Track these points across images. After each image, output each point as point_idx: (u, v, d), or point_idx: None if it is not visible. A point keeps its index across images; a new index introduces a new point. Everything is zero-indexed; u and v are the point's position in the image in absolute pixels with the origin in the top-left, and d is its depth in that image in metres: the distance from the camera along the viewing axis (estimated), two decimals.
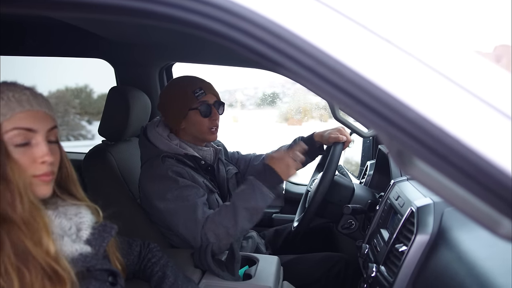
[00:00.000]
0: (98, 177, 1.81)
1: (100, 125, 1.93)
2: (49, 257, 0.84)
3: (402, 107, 0.49)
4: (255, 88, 12.46)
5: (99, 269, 1.00)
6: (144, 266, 1.31)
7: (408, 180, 1.50)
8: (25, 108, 0.89)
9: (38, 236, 0.84)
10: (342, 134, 1.80)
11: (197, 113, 1.69)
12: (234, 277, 1.42)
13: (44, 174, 0.90)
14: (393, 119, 0.51)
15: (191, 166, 1.68)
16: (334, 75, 0.51)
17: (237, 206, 1.50)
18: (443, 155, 0.50)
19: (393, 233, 1.28)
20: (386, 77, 0.50)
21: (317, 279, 1.77)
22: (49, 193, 0.93)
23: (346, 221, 1.76)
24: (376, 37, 0.51)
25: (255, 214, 1.52)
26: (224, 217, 1.51)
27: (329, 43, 0.52)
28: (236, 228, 1.50)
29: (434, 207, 1.15)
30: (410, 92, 0.50)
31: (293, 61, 0.54)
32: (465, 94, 0.50)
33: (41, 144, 0.90)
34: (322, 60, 0.51)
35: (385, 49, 0.51)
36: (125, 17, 0.62)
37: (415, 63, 0.51)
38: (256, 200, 1.51)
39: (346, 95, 0.52)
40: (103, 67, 2.44)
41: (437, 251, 1.06)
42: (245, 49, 0.58)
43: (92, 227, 1.03)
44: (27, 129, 0.89)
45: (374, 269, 1.29)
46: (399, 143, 0.54)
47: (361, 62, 0.51)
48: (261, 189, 1.52)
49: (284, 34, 0.53)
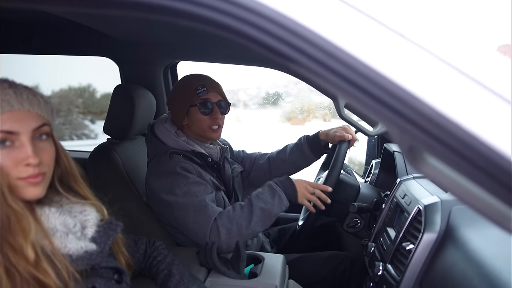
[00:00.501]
0: (103, 175, 1.81)
1: (105, 124, 1.93)
2: (29, 264, 0.81)
3: (415, 101, 0.49)
4: (257, 88, 12.46)
5: (104, 267, 1.00)
6: (150, 264, 1.31)
7: (414, 178, 1.49)
8: (4, 109, 0.85)
9: (17, 242, 0.82)
10: (347, 132, 1.80)
11: (197, 110, 1.70)
12: (239, 276, 1.41)
13: (30, 176, 0.87)
14: (406, 113, 0.50)
15: (198, 163, 1.69)
16: (346, 69, 0.51)
17: (255, 206, 1.53)
18: (457, 149, 0.50)
19: (399, 232, 1.28)
20: (399, 71, 0.49)
21: (323, 277, 1.77)
22: (40, 194, 0.90)
23: (351, 219, 1.76)
24: (389, 30, 0.51)
25: (268, 218, 1.55)
26: (239, 215, 1.53)
27: (341, 37, 0.51)
28: (248, 227, 1.52)
29: (442, 205, 1.14)
30: (423, 86, 0.49)
31: (304, 55, 0.53)
32: (479, 88, 0.49)
33: (25, 146, 0.86)
34: (333, 53, 0.51)
35: (398, 43, 0.51)
36: (127, 11, 0.61)
37: (428, 57, 0.51)
38: (273, 204, 1.54)
39: (358, 89, 0.51)
40: (106, 66, 2.44)
41: (445, 249, 1.06)
42: (255, 43, 0.57)
43: (97, 225, 1.01)
44: (7, 132, 0.85)
45: (380, 267, 1.28)
46: (411, 138, 0.54)
47: (374, 55, 0.50)
48: (281, 196, 1.56)
49: (294, 27, 0.52)
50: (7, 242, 0.82)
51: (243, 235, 1.52)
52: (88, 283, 0.93)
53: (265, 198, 1.55)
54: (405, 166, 1.67)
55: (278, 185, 1.59)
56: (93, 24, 1.86)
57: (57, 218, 0.94)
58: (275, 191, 1.57)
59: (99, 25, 1.88)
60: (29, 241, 0.83)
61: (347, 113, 2.02)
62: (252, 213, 1.52)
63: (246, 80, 10.27)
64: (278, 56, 0.57)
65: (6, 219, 0.83)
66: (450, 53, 0.51)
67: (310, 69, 0.55)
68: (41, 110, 0.91)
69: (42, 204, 0.94)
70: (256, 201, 1.55)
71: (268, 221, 1.56)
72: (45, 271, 0.83)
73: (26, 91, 0.90)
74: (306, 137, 1.97)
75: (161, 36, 2.10)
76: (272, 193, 1.57)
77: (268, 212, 1.54)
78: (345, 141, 1.77)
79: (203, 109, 1.69)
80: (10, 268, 0.80)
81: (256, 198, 1.56)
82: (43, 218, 0.92)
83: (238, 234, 1.51)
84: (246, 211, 1.53)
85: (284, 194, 1.58)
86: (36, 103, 0.91)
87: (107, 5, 0.60)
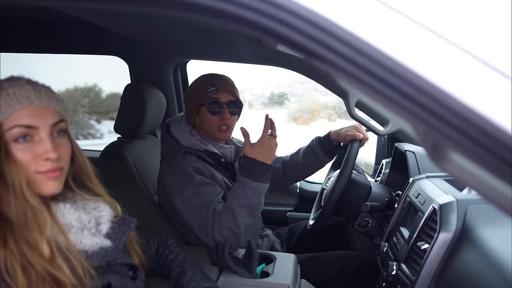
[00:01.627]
0: (114, 174, 1.81)
1: (115, 122, 1.93)
2: (44, 260, 0.82)
3: (445, 96, 0.48)
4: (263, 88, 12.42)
5: (119, 263, 1.00)
6: (162, 262, 1.31)
7: (427, 178, 1.48)
8: (24, 104, 0.87)
9: (32, 238, 0.82)
10: (359, 131, 1.79)
11: (206, 110, 1.69)
12: (251, 275, 1.41)
13: (49, 171, 0.88)
14: (435, 109, 0.49)
15: (210, 163, 1.68)
16: (374, 65, 0.50)
17: (234, 207, 1.50)
18: (486, 145, 0.49)
19: (413, 231, 1.26)
20: (429, 67, 0.49)
21: (334, 277, 1.76)
22: (58, 189, 0.91)
23: (362, 219, 1.74)
24: (418, 26, 0.50)
25: (254, 209, 1.52)
26: (225, 219, 1.51)
27: (368, 32, 0.51)
28: (239, 227, 1.49)
29: (457, 205, 1.12)
30: (453, 81, 0.49)
31: (330, 50, 0.52)
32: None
33: (44, 141, 0.88)
34: (361, 49, 0.50)
35: (427, 38, 0.50)
36: (129, 6, 0.60)
37: (458, 52, 0.50)
38: (248, 197, 1.50)
39: (386, 86, 0.51)
40: (112, 66, 2.44)
41: (461, 249, 1.04)
42: (278, 38, 0.56)
43: (111, 221, 1.02)
44: (28, 126, 0.87)
45: (394, 267, 1.27)
46: (437, 135, 0.53)
47: (403, 51, 0.49)
48: (250, 185, 1.50)
49: (321, 22, 0.52)
50: (23, 238, 0.82)
51: (239, 234, 1.51)
52: (103, 280, 0.93)
53: (238, 195, 1.51)
54: (417, 165, 1.66)
55: (243, 175, 1.52)
56: (102, 22, 1.86)
57: (72, 214, 0.94)
58: (243, 183, 1.50)
59: (109, 23, 1.88)
60: (45, 237, 0.84)
61: (358, 112, 2.02)
62: (235, 213, 1.49)
63: (251, 80, 10.24)
64: (301, 51, 0.56)
65: (23, 214, 0.83)
66: (481, 48, 0.50)
67: (335, 65, 0.54)
68: (58, 106, 0.93)
69: (57, 200, 0.94)
70: (232, 201, 1.51)
71: (256, 211, 1.53)
72: (60, 267, 0.84)
73: (43, 88, 0.92)
74: (317, 138, 1.96)
75: (172, 35, 2.10)
76: (241, 187, 1.51)
77: (249, 205, 1.50)
78: (357, 140, 1.76)
79: (211, 108, 1.68)
80: (26, 265, 0.81)
81: (231, 199, 1.52)
82: (58, 214, 0.92)
83: (234, 235, 1.50)
84: (229, 214, 1.50)
85: (255, 176, 1.50)
86: (54, 100, 0.92)
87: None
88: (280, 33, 0.55)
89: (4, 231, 0.82)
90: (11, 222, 0.83)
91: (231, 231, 1.50)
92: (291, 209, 2.53)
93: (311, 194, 2.47)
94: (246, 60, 2.25)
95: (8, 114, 0.86)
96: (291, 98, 10.08)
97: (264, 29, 0.57)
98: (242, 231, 1.50)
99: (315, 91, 7.24)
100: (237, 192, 1.51)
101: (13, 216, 0.83)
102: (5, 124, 0.85)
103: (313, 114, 8.15)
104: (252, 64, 2.28)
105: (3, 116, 0.85)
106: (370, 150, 2.45)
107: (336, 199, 1.64)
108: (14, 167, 0.84)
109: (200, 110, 1.71)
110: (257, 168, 1.51)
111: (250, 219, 1.52)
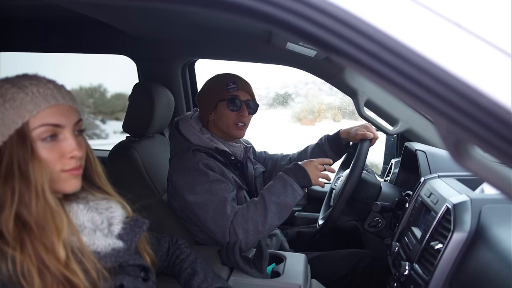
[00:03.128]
0: (123, 173, 1.81)
1: (124, 121, 1.93)
2: (59, 263, 0.82)
3: (473, 92, 0.47)
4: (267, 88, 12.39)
5: (131, 264, 1.00)
6: (173, 262, 1.30)
7: (439, 177, 1.47)
8: (51, 103, 0.87)
9: (49, 240, 0.82)
10: (369, 130, 1.78)
11: (225, 105, 1.69)
12: (262, 275, 1.40)
13: (74, 169, 0.89)
14: (461, 105, 0.48)
15: (221, 161, 1.68)
16: (399, 60, 0.49)
17: (268, 201, 1.51)
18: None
19: (426, 231, 1.25)
20: (456, 62, 0.48)
21: (343, 276, 1.75)
22: (78, 186, 0.92)
23: (372, 219, 1.73)
24: (444, 20, 0.49)
25: (284, 210, 1.53)
26: (254, 212, 1.51)
27: (393, 26, 0.50)
28: (265, 223, 1.50)
29: (472, 204, 1.11)
30: (481, 77, 0.48)
31: (353, 45, 0.52)
32: None
33: (70, 139, 0.89)
34: (386, 44, 0.49)
35: (454, 33, 0.49)
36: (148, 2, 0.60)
37: (485, 47, 0.49)
38: (286, 196, 1.52)
39: (411, 81, 0.50)
40: (117, 66, 2.44)
41: (476, 249, 1.03)
42: (297, 33, 0.56)
43: (123, 222, 1.01)
44: (55, 125, 0.87)
45: (407, 267, 1.26)
46: (463, 132, 0.52)
47: (429, 46, 0.48)
48: (293, 185, 1.54)
49: (343, 16, 0.51)
50: (40, 241, 0.82)
51: (261, 232, 1.51)
52: (116, 281, 0.93)
53: (277, 190, 1.54)
54: (428, 165, 1.65)
55: (288, 175, 1.57)
56: (111, 21, 1.85)
57: (85, 215, 0.94)
58: (286, 181, 1.55)
59: (117, 21, 1.88)
60: (61, 240, 0.84)
61: (367, 111, 2.01)
62: (266, 208, 1.51)
63: (256, 81, 10.23)
64: (321, 46, 0.56)
65: (43, 216, 0.83)
66: (509, 42, 0.49)
67: (357, 61, 0.53)
68: (77, 105, 0.94)
69: (69, 201, 0.94)
70: (268, 195, 1.53)
71: (284, 214, 1.54)
72: (74, 271, 0.84)
73: (62, 87, 0.93)
74: (326, 136, 1.96)
75: (180, 34, 2.10)
76: (283, 184, 1.55)
77: (283, 204, 1.52)
78: (367, 140, 1.74)
79: (231, 105, 1.69)
80: (42, 268, 0.81)
81: (268, 193, 1.54)
82: (71, 214, 0.92)
83: (255, 231, 1.50)
84: (260, 208, 1.52)
85: (297, 183, 1.56)
86: (73, 99, 0.93)
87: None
88: (299, 26, 0.55)
89: (22, 235, 0.82)
90: (29, 225, 0.83)
91: (256, 226, 1.50)
92: (300, 209, 2.53)
93: (319, 194, 2.46)
94: (255, 59, 2.24)
95: (35, 112, 0.85)
96: (295, 98, 10.03)
97: (282, 24, 0.56)
98: (266, 229, 1.51)
99: (320, 91, 7.21)
100: (277, 187, 1.54)
101: (32, 218, 0.83)
102: (32, 122, 0.85)
103: (318, 115, 8.14)
104: (261, 63, 2.27)
105: (29, 115, 0.85)
106: (376, 150, 2.44)
107: (347, 198, 1.63)
108: (38, 167, 0.84)
109: (217, 106, 1.71)
110: (302, 176, 1.57)
111: (277, 220, 1.53)
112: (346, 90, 2.06)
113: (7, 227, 0.81)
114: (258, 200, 1.54)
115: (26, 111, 0.85)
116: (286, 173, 1.58)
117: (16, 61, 2.65)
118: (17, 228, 0.81)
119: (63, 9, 1.64)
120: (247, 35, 2.01)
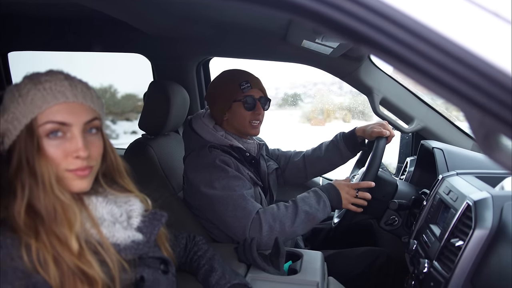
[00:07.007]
0: (140, 170, 1.80)
1: (140, 119, 1.93)
2: (73, 255, 0.82)
3: None
4: (276, 88, 12.37)
5: (151, 256, 1.00)
6: (191, 259, 1.30)
7: (458, 175, 1.46)
8: (59, 100, 0.86)
9: (62, 232, 0.83)
10: (385, 128, 1.76)
11: (241, 106, 1.70)
12: (279, 272, 1.40)
13: (78, 169, 0.87)
14: (497, 95, 0.48)
15: (236, 157, 1.69)
16: (436, 51, 0.48)
17: (300, 208, 1.56)
18: None
19: (446, 229, 1.24)
20: (493, 52, 0.47)
21: (359, 273, 1.74)
22: (86, 188, 0.90)
23: (389, 217, 1.73)
24: (482, 10, 0.49)
25: (310, 222, 1.57)
26: (284, 214, 1.54)
27: (429, 16, 0.49)
28: (291, 227, 1.53)
29: (493, 201, 1.10)
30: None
31: (388, 36, 0.51)
32: None
33: (76, 138, 0.87)
34: (423, 35, 0.49)
35: (492, 22, 0.48)
36: None
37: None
38: (317, 209, 1.57)
39: (447, 72, 0.49)
40: (127, 66, 2.45)
41: (498, 247, 1.02)
42: (331, 25, 0.55)
43: (142, 215, 1.02)
44: (61, 122, 0.86)
45: (426, 264, 1.25)
46: (497, 123, 0.52)
47: (467, 36, 0.48)
48: (325, 202, 1.59)
49: (379, 7, 0.51)
50: (53, 233, 0.83)
51: (284, 234, 1.53)
52: (136, 273, 0.94)
53: (311, 202, 1.58)
54: (446, 162, 1.64)
55: (323, 191, 1.62)
56: (127, 19, 1.85)
57: (104, 207, 0.94)
58: (321, 196, 1.60)
59: (133, 20, 1.88)
60: (74, 233, 0.84)
61: (382, 109, 2.01)
62: (297, 214, 1.55)
63: (265, 81, 10.22)
64: (352, 38, 0.55)
65: (53, 209, 0.84)
66: None
67: (391, 53, 0.53)
68: (93, 103, 0.92)
69: (89, 194, 0.94)
70: (302, 203, 1.57)
71: (309, 225, 1.59)
72: (89, 262, 0.84)
73: (80, 84, 0.91)
74: (342, 133, 1.94)
75: (195, 32, 2.10)
76: (317, 198, 1.60)
77: (312, 216, 1.56)
78: (383, 137, 1.73)
79: (247, 105, 1.70)
80: (58, 257, 0.81)
81: (301, 201, 1.58)
82: (91, 207, 0.93)
83: (279, 232, 1.52)
84: (290, 211, 1.55)
85: (329, 201, 1.60)
86: (89, 97, 0.91)
87: None
88: (329, 16, 0.54)
89: (35, 224, 0.82)
90: (41, 216, 0.84)
91: (282, 227, 1.53)
92: None
93: None
94: (270, 57, 2.24)
95: (44, 109, 0.85)
96: (304, 99, 9.99)
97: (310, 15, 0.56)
98: (289, 233, 1.55)
99: (329, 91, 7.18)
100: (311, 200, 1.59)
101: (42, 210, 0.84)
102: (40, 119, 0.85)
103: (327, 115, 8.12)
104: (275, 62, 2.27)
105: (38, 111, 0.85)
106: (389, 149, 2.42)
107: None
108: (44, 162, 0.85)
109: (232, 106, 1.71)
110: (334, 197, 1.62)
111: (301, 229, 1.58)
112: (361, 88, 2.06)
113: (19, 216, 0.82)
114: (290, 205, 1.59)
115: (35, 107, 0.85)
116: (322, 189, 1.63)
117: (25, 61, 2.68)
118: (29, 217, 0.82)
119: (81, 7, 1.65)
120: (262, 33, 2.01)
